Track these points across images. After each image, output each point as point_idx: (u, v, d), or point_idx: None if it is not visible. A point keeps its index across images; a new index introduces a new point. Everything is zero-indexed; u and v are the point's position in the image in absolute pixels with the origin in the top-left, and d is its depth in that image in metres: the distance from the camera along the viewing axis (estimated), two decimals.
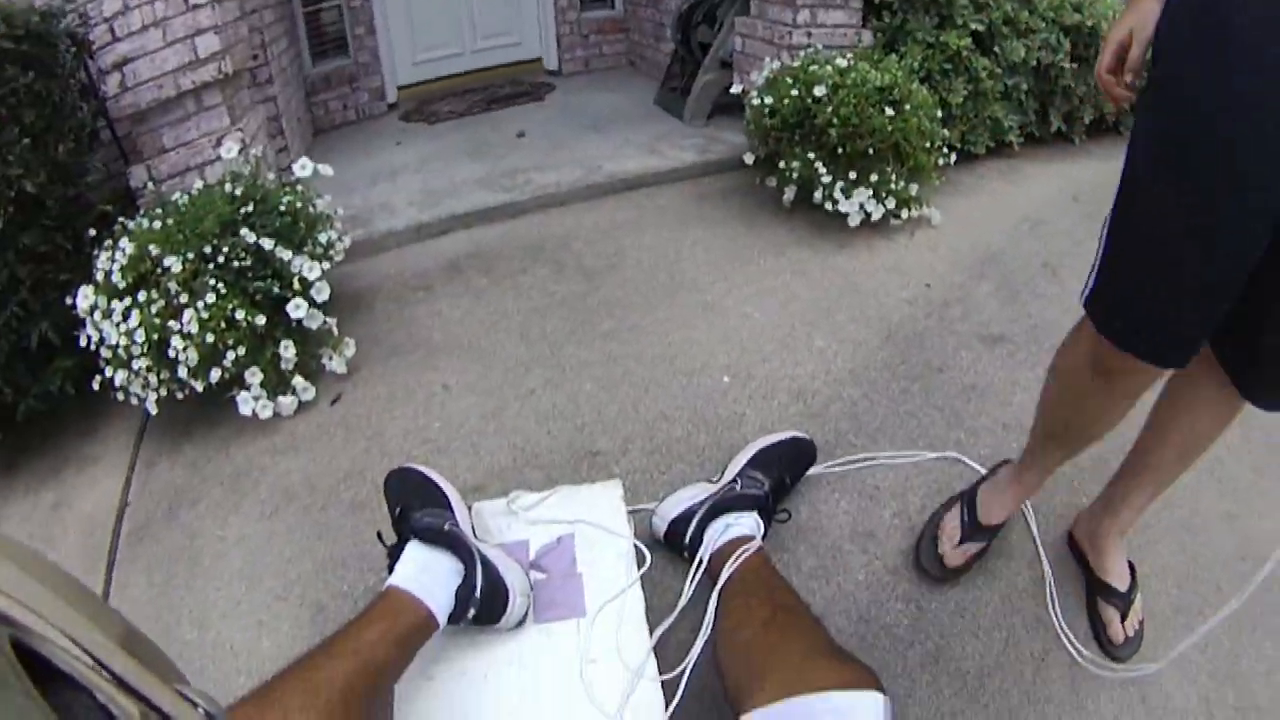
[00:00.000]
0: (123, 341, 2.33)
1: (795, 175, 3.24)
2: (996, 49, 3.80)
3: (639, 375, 2.50)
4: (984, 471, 2.02)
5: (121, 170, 3.13)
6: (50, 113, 2.60)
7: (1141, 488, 1.70)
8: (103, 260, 2.45)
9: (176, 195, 2.69)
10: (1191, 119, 1.13)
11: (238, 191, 2.62)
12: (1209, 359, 1.41)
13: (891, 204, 3.17)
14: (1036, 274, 2.99)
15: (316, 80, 5.54)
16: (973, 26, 3.70)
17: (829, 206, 3.19)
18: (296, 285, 2.52)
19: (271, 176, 2.97)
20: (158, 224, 2.51)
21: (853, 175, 3.17)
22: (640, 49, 6.22)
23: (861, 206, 3.13)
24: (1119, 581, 1.74)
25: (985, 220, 3.40)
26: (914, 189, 3.23)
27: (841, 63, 3.30)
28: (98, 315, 2.39)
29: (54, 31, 2.75)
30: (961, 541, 1.80)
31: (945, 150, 3.37)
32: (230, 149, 2.79)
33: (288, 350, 2.49)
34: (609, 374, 2.51)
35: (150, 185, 2.97)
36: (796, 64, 3.43)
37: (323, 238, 2.71)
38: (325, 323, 2.61)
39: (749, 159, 3.55)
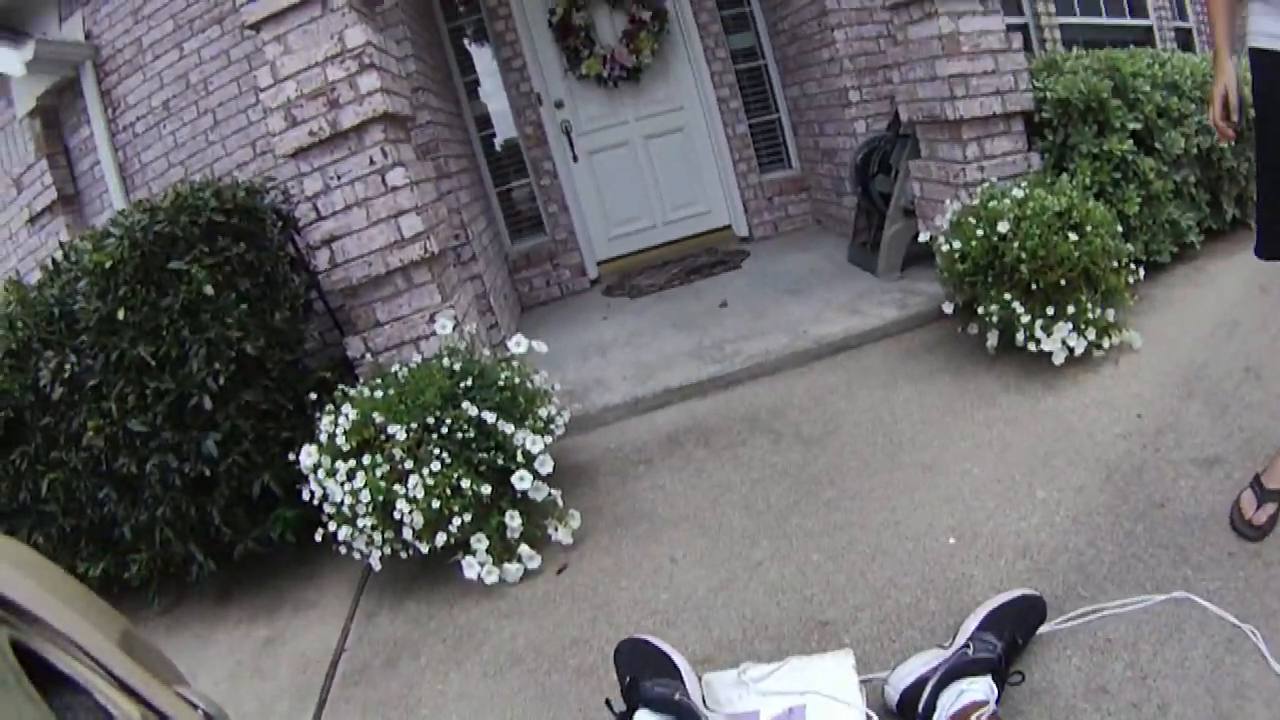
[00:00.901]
0: (348, 500, 2.59)
1: (995, 319, 3.28)
2: (1158, 146, 3.76)
3: (865, 543, 2.57)
4: (1212, 608, 2.03)
5: (336, 340, 3.48)
6: (264, 282, 2.96)
7: None
8: (325, 423, 2.73)
9: (395, 367, 2.96)
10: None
11: (456, 366, 2.87)
12: None
13: (1092, 334, 3.16)
14: (1241, 381, 2.92)
15: (517, 258, 6.05)
16: (1131, 126, 3.68)
17: (1032, 347, 3.20)
18: (520, 458, 2.72)
19: (487, 352, 3.21)
20: (379, 393, 2.78)
21: (1050, 310, 3.18)
22: (824, 206, 6.39)
23: (1063, 342, 3.14)
24: None
25: (1182, 334, 3.34)
26: (1111, 314, 3.21)
27: (1018, 193, 3.34)
28: (322, 473, 2.66)
29: (260, 206, 3.15)
30: (1259, 506, 2.23)
31: (1133, 267, 3.34)
32: (445, 325, 3.07)
33: (513, 520, 2.70)
34: (835, 543, 2.61)
35: (368, 356, 3.26)
36: (976, 202, 3.50)
37: (543, 412, 2.91)
38: (550, 495, 2.82)
39: (948, 308, 3.59)
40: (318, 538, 2.79)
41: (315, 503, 2.75)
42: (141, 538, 2.78)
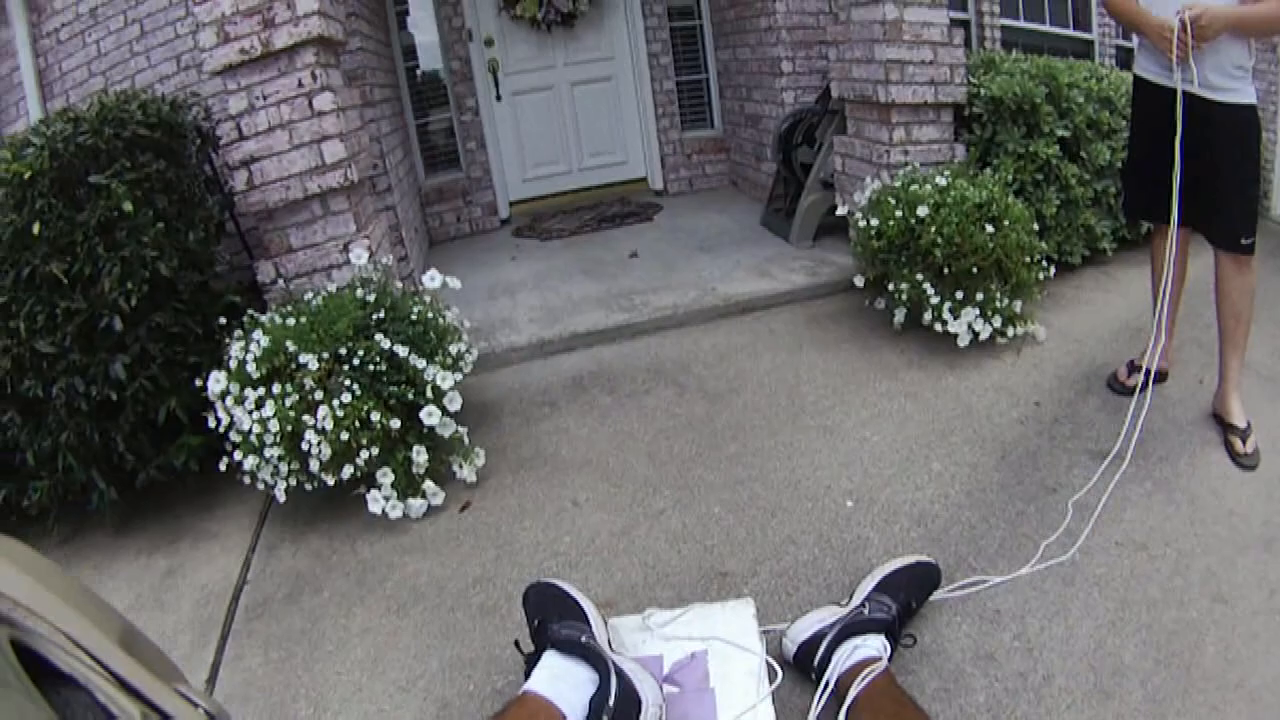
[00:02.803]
0: (256, 429, 2.50)
1: (904, 297, 3.34)
2: (1083, 154, 3.87)
3: (765, 499, 2.60)
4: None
5: (245, 264, 3.35)
6: (179, 201, 2.83)
7: (1228, 352, 2.78)
8: (236, 349, 2.64)
9: (309, 295, 2.88)
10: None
11: (369, 297, 2.80)
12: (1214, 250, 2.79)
13: (998, 322, 3.25)
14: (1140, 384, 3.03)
15: (430, 192, 5.89)
16: (1059, 134, 3.78)
17: (938, 327, 3.28)
18: (429, 393, 2.67)
19: (398, 285, 3.14)
20: (291, 321, 2.69)
21: (959, 295, 3.26)
22: (741, 169, 6.42)
23: (970, 326, 3.22)
24: (1239, 420, 2.73)
25: (1087, 333, 3.47)
26: (1018, 305, 3.31)
27: (941, 181, 3.40)
28: (229, 400, 2.57)
29: (183, 122, 3.01)
30: (1130, 374, 3.00)
31: (1044, 264, 3.44)
32: (359, 255, 3.00)
33: (420, 455, 2.65)
34: (736, 497, 2.62)
35: (279, 282, 3.16)
36: (898, 183, 3.55)
37: (453, 349, 2.86)
38: (457, 431, 2.77)
39: (859, 281, 3.65)
40: (221, 467, 2.69)
41: (221, 431, 2.65)
42: (44, 464, 2.63)
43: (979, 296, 3.27)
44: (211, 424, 2.67)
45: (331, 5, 3.29)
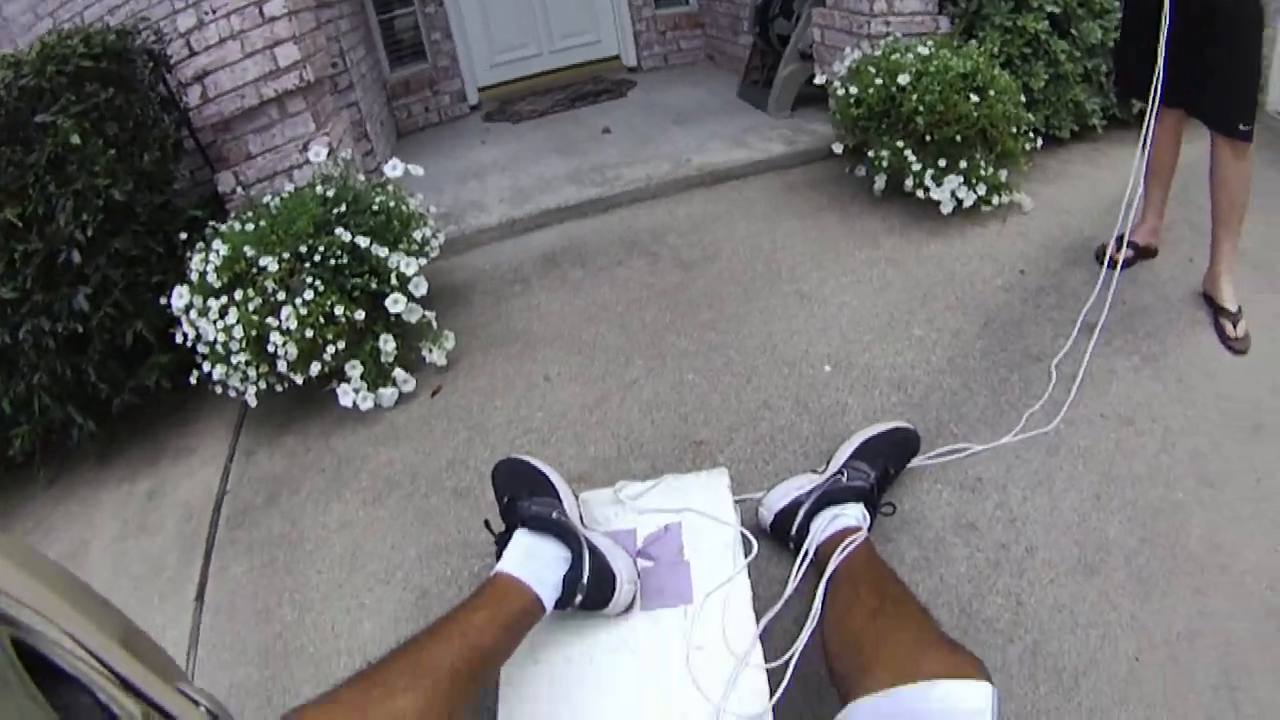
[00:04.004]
0: (221, 338, 2.46)
1: (885, 164, 3.24)
2: (1074, 31, 3.73)
3: (740, 365, 2.53)
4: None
5: (208, 178, 3.28)
6: (133, 125, 2.76)
7: (1221, 235, 2.66)
8: (196, 262, 2.58)
9: (267, 198, 2.82)
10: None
11: (329, 193, 2.74)
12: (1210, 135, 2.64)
13: (982, 190, 3.14)
14: (1128, 259, 2.93)
15: (396, 85, 5.72)
16: (1049, 9, 3.63)
17: (920, 194, 3.18)
18: (394, 281, 2.62)
19: (361, 178, 3.08)
20: (250, 226, 2.64)
21: (942, 163, 3.15)
22: (718, 44, 6.24)
23: (953, 194, 3.12)
24: (1230, 304, 2.61)
25: (1075, 205, 3.35)
26: (1004, 175, 3.20)
27: (923, 50, 3.27)
28: (194, 313, 2.52)
29: (131, 48, 2.92)
30: (1119, 249, 2.78)
31: (1031, 135, 3.33)
32: (319, 152, 2.91)
33: (387, 344, 2.59)
34: (710, 364, 2.55)
35: (239, 190, 3.12)
36: (878, 53, 3.42)
37: (417, 235, 2.81)
38: (424, 316, 2.71)
39: (837, 148, 3.54)
40: (192, 380, 2.64)
41: (189, 345, 2.61)
42: (21, 409, 2.59)
43: (963, 164, 3.16)
44: (179, 340, 2.62)
45: None
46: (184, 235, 2.75)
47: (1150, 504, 1.96)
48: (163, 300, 2.64)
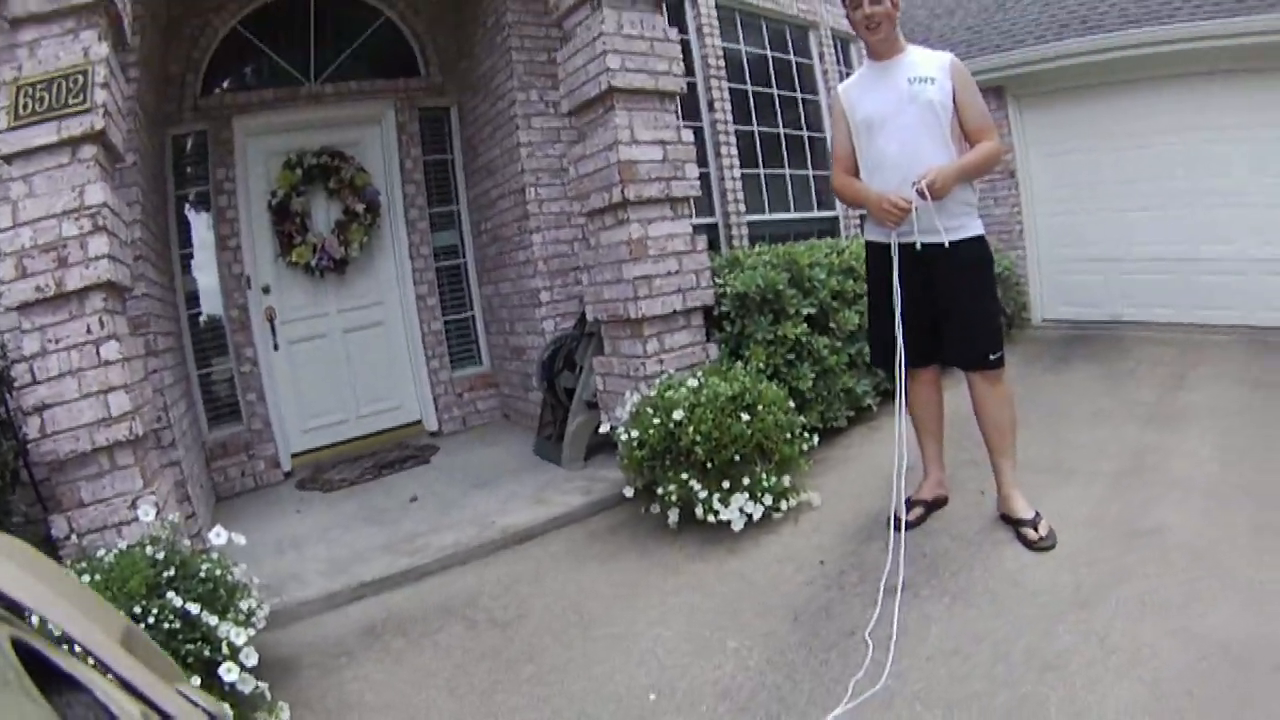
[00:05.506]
0: None
1: (674, 498, 3.42)
2: (833, 325, 4.11)
3: (569, 710, 2.53)
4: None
5: (42, 516, 3.13)
6: None
7: (999, 462, 3.03)
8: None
9: (100, 551, 2.73)
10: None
11: (159, 555, 2.69)
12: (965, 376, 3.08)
13: (769, 500, 3.37)
14: (919, 517, 3.23)
15: (214, 447, 5.63)
16: (805, 312, 4.01)
17: (712, 519, 3.36)
18: (226, 650, 2.55)
19: (186, 543, 3.00)
20: (85, 578, 2.55)
21: (726, 485, 3.37)
22: (512, 401, 6.52)
23: (741, 510, 3.32)
24: (1026, 513, 2.95)
25: (861, 486, 3.64)
26: (787, 480, 3.44)
27: (693, 382, 3.56)
28: None
29: None
30: (909, 510, 3.12)
31: (807, 435, 3.60)
32: (148, 512, 2.86)
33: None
34: (540, 715, 2.54)
35: (73, 537, 2.98)
36: (654, 393, 3.68)
37: (244, 605, 2.76)
38: (258, 687, 2.60)
39: (629, 492, 3.71)
40: None
41: None
42: None
43: (745, 481, 3.38)
44: None
45: (122, 248, 3.26)
46: None
47: (1001, 710, 2.07)
48: None
